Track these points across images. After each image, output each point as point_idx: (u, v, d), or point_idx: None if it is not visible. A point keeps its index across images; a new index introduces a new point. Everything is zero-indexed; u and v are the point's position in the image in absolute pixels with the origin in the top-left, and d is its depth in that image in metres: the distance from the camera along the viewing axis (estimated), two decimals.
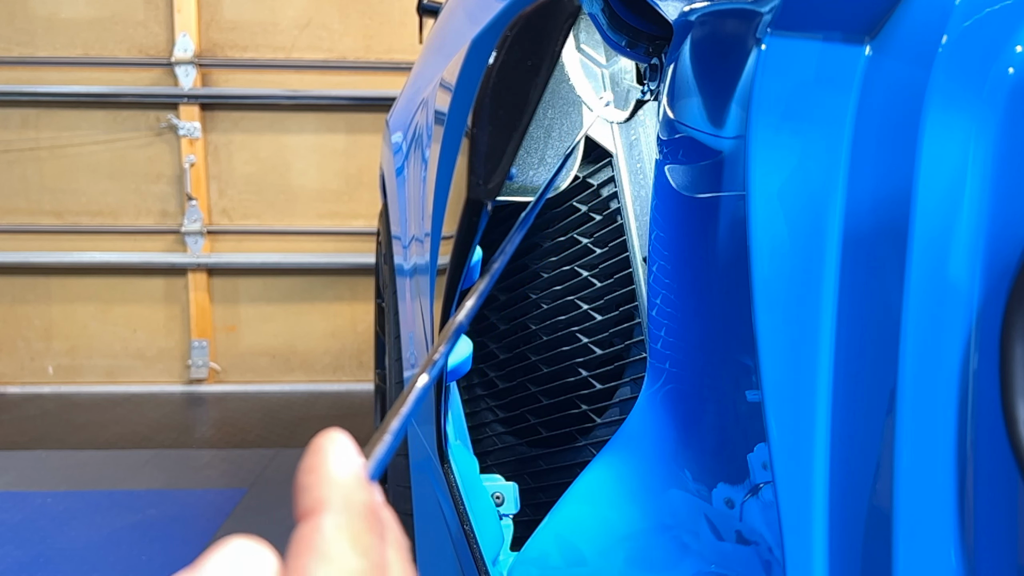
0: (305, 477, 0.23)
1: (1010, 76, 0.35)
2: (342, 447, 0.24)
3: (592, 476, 0.57)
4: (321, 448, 0.24)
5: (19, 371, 3.55)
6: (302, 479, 0.23)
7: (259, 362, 3.60)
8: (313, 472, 0.23)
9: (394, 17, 3.47)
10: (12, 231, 3.47)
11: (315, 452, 0.24)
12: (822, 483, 0.40)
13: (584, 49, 0.84)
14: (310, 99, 3.45)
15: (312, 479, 0.23)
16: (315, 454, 0.23)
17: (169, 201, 3.51)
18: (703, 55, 0.48)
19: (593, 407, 0.83)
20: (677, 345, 0.53)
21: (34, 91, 3.38)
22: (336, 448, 0.24)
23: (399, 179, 1.21)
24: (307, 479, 0.23)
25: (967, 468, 0.36)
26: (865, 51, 0.41)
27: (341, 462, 0.23)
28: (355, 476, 0.23)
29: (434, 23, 1.40)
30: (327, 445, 0.24)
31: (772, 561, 0.42)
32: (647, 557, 0.52)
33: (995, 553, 0.36)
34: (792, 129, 0.41)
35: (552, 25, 0.47)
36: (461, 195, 0.51)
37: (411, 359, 0.99)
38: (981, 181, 0.36)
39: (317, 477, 0.23)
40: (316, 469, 0.23)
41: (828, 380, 0.40)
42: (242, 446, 2.74)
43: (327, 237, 3.55)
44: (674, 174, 0.51)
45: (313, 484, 0.23)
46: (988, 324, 0.35)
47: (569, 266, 0.88)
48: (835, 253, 0.40)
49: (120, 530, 2.03)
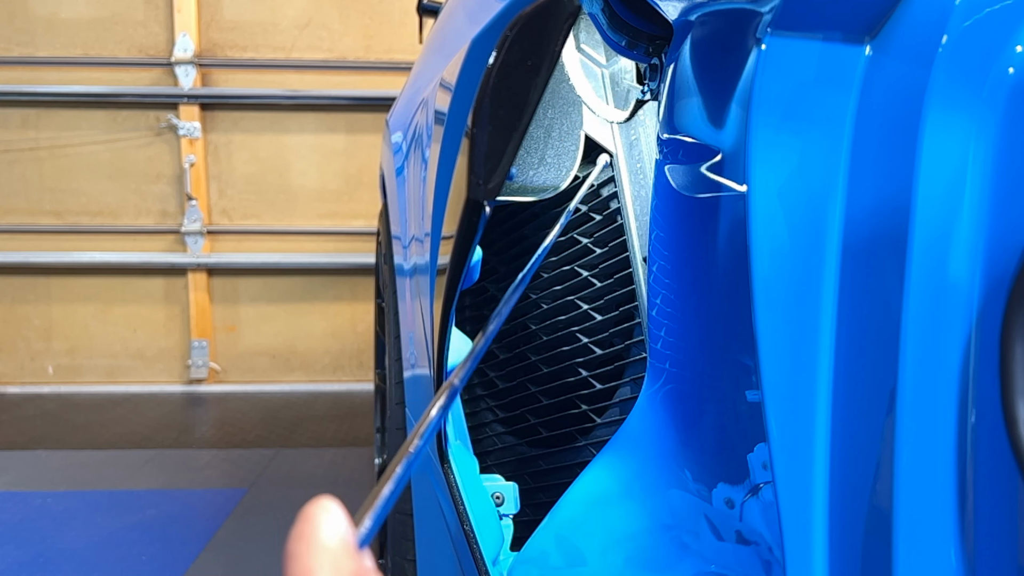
0: (294, 545, 0.23)
1: (1010, 76, 0.35)
2: (331, 515, 0.24)
3: (592, 476, 0.57)
4: (310, 516, 0.24)
5: (19, 371, 3.55)
6: (291, 547, 0.23)
7: (259, 362, 3.60)
8: (302, 540, 0.23)
9: (394, 17, 3.47)
10: (12, 231, 3.47)
11: (304, 520, 0.24)
12: (822, 483, 0.40)
13: (584, 49, 0.84)
14: (310, 99, 3.45)
15: (301, 547, 0.23)
16: (304, 522, 0.24)
17: (169, 201, 3.51)
18: (703, 55, 0.48)
19: (593, 407, 0.83)
20: (677, 345, 0.53)
21: (34, 91, 3.38)
22: (325, 516, 0.24)
23: (399, 179, 1.21)
24: (296, 547, 0.23)
25: (967, 468, 0.36)
26: (865, 51, 0.41)
27: (330, 530, 0.24)
28: (344, 544, 0.24)
29: (434, 23, 1.40)
30: (316, 513, 0.24)
31: (772, 561, 0.42)
32: (647, 557, 0.52)
33: (995, 553, 0.36)
34: (792, 129, 0.41)
35: (552, 25, 0.47)
36: (461, 195, 0.51)
37: (411, 359, 0.99)
38: (981, 181, 0.36)
39: (306, 546, 0.23)
40: (305, 537, 0.23)
41: (828, 380, 0.40)
42: (242, 446, 2.74)
43: (327, 237, 3.55)
44: (674, 174, 0.51)
45: (302, 552, 0.23)
46: (988, 324, 0.35)
47: (569, 266, 0.88)
48: (835, 253, 0.40)
49: (120, 530, 2.03)
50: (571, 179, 0.66)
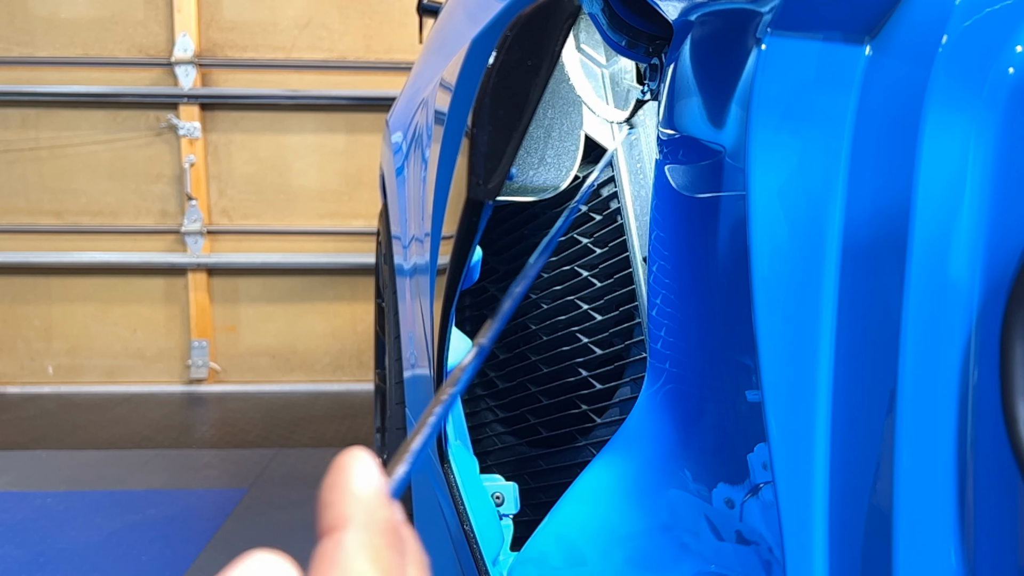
0: (328, 493, 0.23)
1: (1010, 76, 0.35)
2: (364, 465, 0.24)
3: (592, 476, 0.57)
4: (344, 465, 0.24)
5: (19, 371, 3.55)
6: (325, 495, 0.23)
7: (259, 362, 3.60)
8: (336, 489, 0.23)
9: (394, 17, 3.47)
10: (12, 231, 3.47)
11: (338, 469, 0.24)
12: (822, 483, 0.40)
13: (584, 49, 0.84)
14: (310, 99, 3.45)
15: (335, 496, 0.23)
16: (338, 471, 0.24)
17: (169, 201, 3.51)
18: (703, 55, 0.48)
19: (593, 407, 0.83)
20: (677, 345, 0.53)
21: (34, 91, 3.38)
22: (359, 466, 0.24)
23: (399, 179, 1.21)
24: (330, 495, 0.23)
25: (967, 468, 0.36)
26: (865, 51, 0.41)
27: (363, 479, 0.23)
28: (377, 493, 0.23)
29: (434, 23, 1.40)
30: (350, 462, 0.24)
31: (772, 561, 0.42)
32: (647, 557, 0.52)
33: (995, 553, 0.36)
34: (792, 129, 0.41)
35: (552, 25, 0.47)
36: (461, 195, 0.51)
37: (411, 359, 0.99)
38: (981, 181, 0.36)
39: (340, 494, 0.23)
40: (339, 486, 0.23)
41: (828, 380, 0.40)
42: (242, 446, 2.74)
43: (327, 237, 3.55)
44: (674, 174, 0.51)
45: (336, 501, 0.23)
46: (988, 324, 0.35)
47: (569, 266, 0.88)
48: (835, 253, 0.40)
49: (120, 530, 2.03)
50: (571, 179, 0.66)
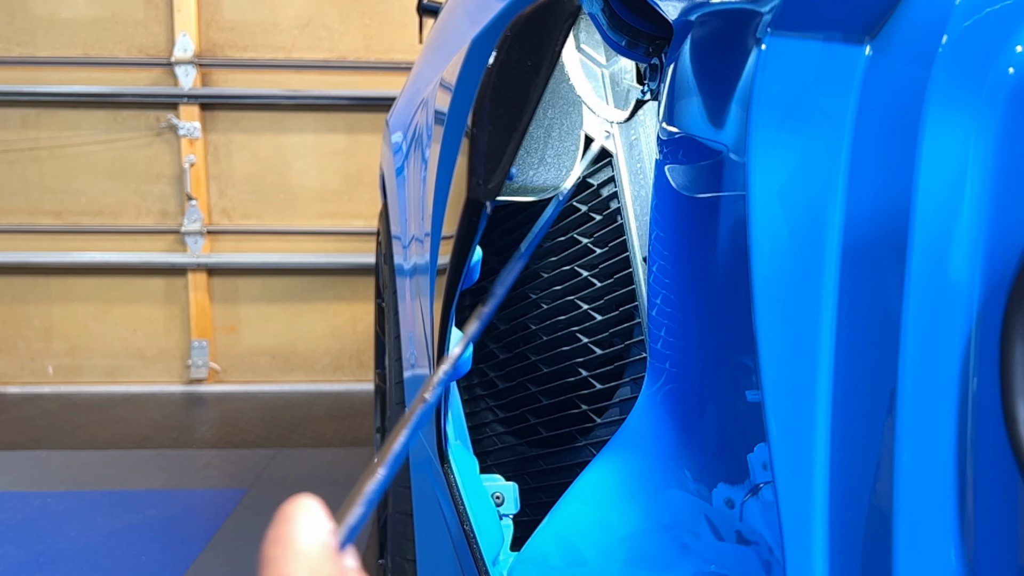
0: (271, 549, 0.22)
1: (1010, 76, 0.35)
2: (311, 516, 0.22)
3: (592, 476, 0.57)
4: (288, 517, 0.22)
5: (19, 371, 3.55)
6: (267, 551, 0.22)
7: (259, 362, 3.60)
8: (278, 544, 0.22)
9: (394, 17, 3.47)
10: (12, 231, 3.47)
11: (282, 521, 0.22)
12: (822, 483, 0.40)
13: (584, 49, 0.84)
14: (310, 99, 3.45)
15: (277, 552, 0.22)
16: (282, 524, 0.22)
17: (169, 201, 3.51)
18: (703, 55, 0.48)
19: (593, 407, 0.83)
20: (677, 345, 0.53)
21: (34, 91, 3.38)
22: (304, 517, 0.22)
23: (399, 179, 1.21)
24: (272, 552, 0.22)
25: (967, 468, 0.36)
26: (865, 51, 0.41)
27: (308, 533, 0.22)
28: (322, 548, 0.22)
29: (434, 23, 1.40)
30: (294, 513, 0.22)
31: (772, 561, 0.42)
32: (647, 557, 0.52)
33: (995, 553, 0.36)
34: (792, 129, 0.41)
35: (552, 25, 0.47)
36: (461, 195, 0.51)
37: (411, 359, 0.99)
38: (981, 181, 0.36)
39: (283, 550, 0.22)
40: (282, 541, 0.22)
41: (828, 380, 0.40)
42: (242, 446, 2.74)
43: (327, 237, 3.55)
44: (674, 174, 0.51)
45: (278, 557, 0.22)
46: (988, 324, 0.35)
47: (569, 266, 0.88)
48: (835, 253, 0.40)
49: (120, 530, 2.03)
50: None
